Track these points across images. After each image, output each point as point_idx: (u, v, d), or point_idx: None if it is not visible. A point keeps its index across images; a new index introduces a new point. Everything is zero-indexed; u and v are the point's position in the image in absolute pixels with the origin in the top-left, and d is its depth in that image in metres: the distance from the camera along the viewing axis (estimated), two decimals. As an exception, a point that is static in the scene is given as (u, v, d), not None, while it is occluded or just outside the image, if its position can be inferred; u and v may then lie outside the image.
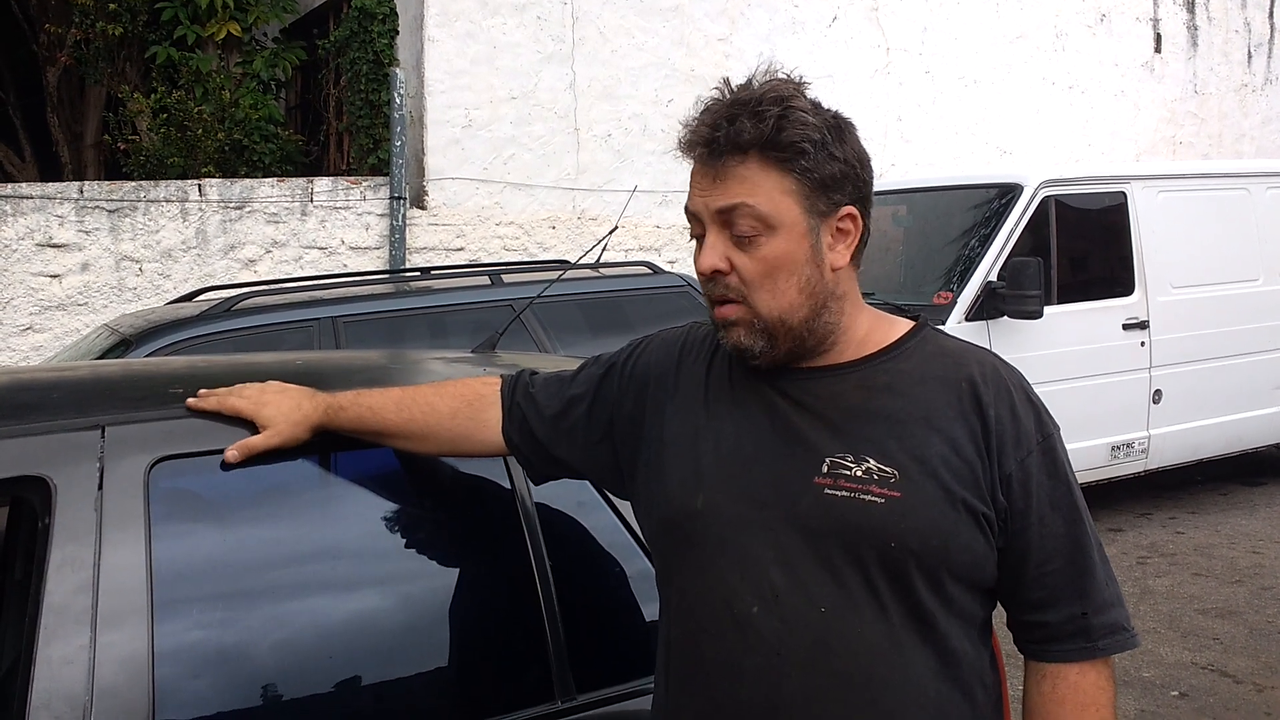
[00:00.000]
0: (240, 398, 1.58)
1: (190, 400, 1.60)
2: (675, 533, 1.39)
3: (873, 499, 1.28)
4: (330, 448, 1.63)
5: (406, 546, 1.72)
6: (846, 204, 1.34)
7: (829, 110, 1.35)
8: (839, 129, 1.33)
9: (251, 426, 1.56)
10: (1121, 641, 1.34)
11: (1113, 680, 1.36)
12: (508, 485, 1.73)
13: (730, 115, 1.29)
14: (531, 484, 1.71)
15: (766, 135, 1.28)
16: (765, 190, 1.29)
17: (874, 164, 1.40)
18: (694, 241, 1.37)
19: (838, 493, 1.29)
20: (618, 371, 1.54)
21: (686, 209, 1.36)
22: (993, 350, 1.45)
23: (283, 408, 1.57)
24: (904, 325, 1.42)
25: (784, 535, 1.31)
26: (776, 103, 1.29)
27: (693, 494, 1.37)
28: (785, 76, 1.34)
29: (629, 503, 1.56)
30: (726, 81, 1.36)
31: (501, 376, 1.63)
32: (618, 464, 1.52)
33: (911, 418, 1.32)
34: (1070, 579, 1.33)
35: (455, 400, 1.60)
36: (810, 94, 1.34)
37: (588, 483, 1.72)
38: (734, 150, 1.29)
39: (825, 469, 1.31)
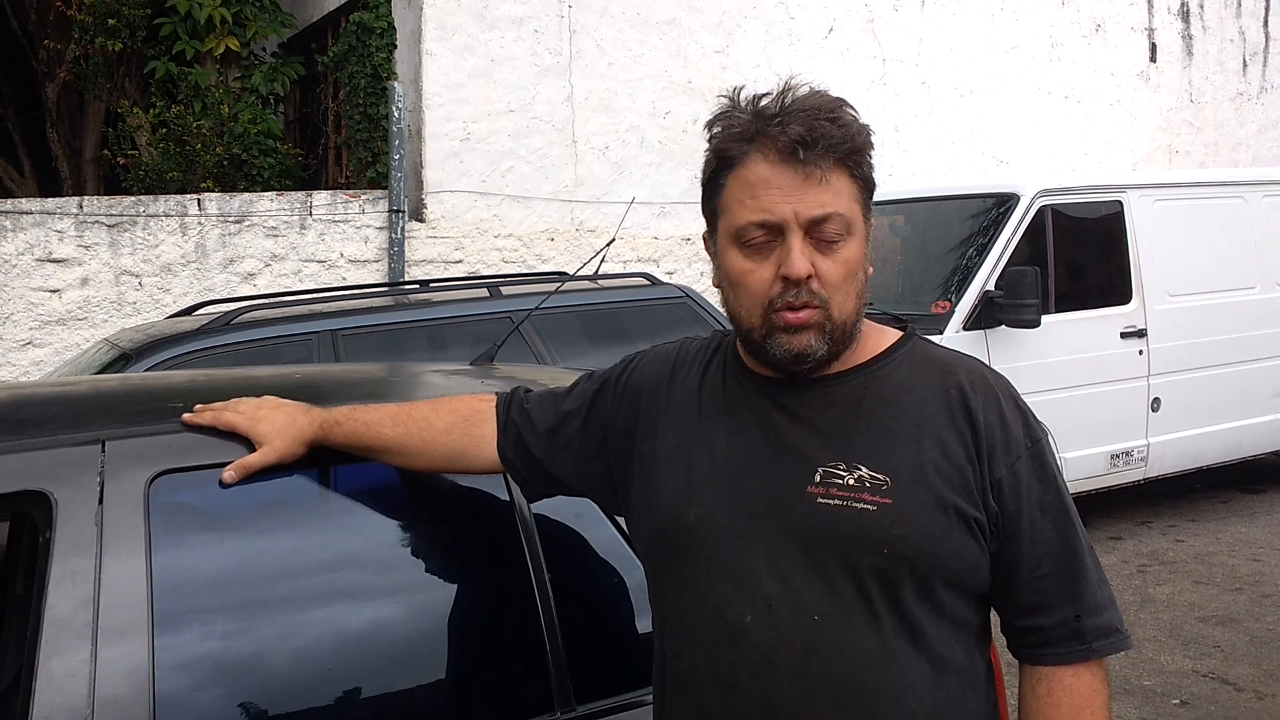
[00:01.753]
0: (235, 413, 1.59)
1: (186, 415, 1.60)
2: (668, 545, 1.40)
3: (864, 506, 1.29)
4: (329, 461, 1.64)
5: (406, 559, 1.72)
6: (872, 214, 1.38)
7: None
8: None
9: (248, 441, 1.57)
10: (1115, 643, 1.35)
11: (1107, 683, 1.37)
12: (506, 497, 1.73)
13: (813, 117, 1.28)
14: (528, 498, 1.71)
15: (852, 141, 1.30)
16: (846, 195, 1.31)
17: (872, 174, 1.41)
18: (746, 248, 1.31)
19: (830, 501, 1.30)
20: (611, 386, 1.55)
21: (758, 220, 1.29)
22: (990, 359, 1.47)
23: (278, 424, 1.57)
24: (893, 335, 1.44)
25: (777, 545, 1.31)
26: (841, 108, 1.31)
27: (685, 506, 1.37)
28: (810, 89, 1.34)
29: (624, 518, 1.56)
30: (737, 91, 1.35)
31: (497, 394, 1.64)
32: (611, 479, 1.53)
33: (902, 425, 1.33)
34: (1062, 582, 1.34)
35: (451, 416, 1.60)
36: None
37: (584, 495, 1.73)
38: (828, 151, 1.28)
39: (818, 478, 1.31)
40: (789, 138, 1.27)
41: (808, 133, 1.27)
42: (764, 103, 1.32)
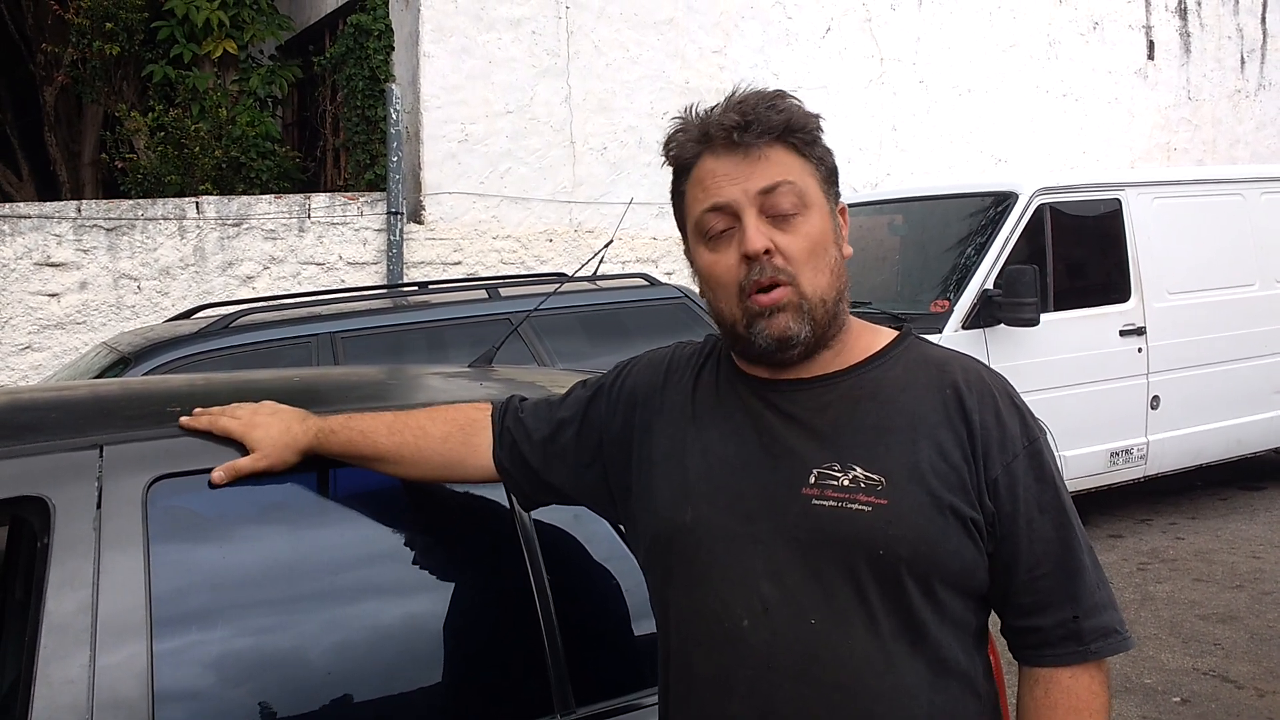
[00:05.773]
0: (232, 418, 1.58)
1: (183, 419, 1.60)
2: (666, 549, 1.39)
3: (860, 507, 1.28)
4: (328, 465, 1.64)
5: (405, 562, 1.72)
6: (840, 199, 1.39)
7: None
8: None
9: (245, 447, 1.57)
10: (1114, 644, 1.34)
11: (1107, 685, 1.36)
12: (505, 500, 1.73)
13: (750, 106, 1.33)
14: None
15: (791, 120, 1.33)
16: (796, 171, 1.34)
17: (869, 173, 1.43)
18: (710, 241, 1.34)
19: (825, 503, 1.29)
20: (605, 393, 1.54)
21: (709, 206, 1.33)
22: (990, 358, 1.46)
23: (272, 431, 1.57)
24: (888, 334, 1.43)
25: (773, 548, 1.31)
26: (781, 97, 1.35)
27: (682, 509, 1.37)
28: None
29: (621, 526, 1.56)
30: (689, 109, 1.39)
31: (492, 402, 1.64)
32: (608, 486, 1.52)
33: (897, 425, 1.32)
34: (1060, 583, 1.33)
35: (447, 424, 1.60)
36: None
37: (583, 496, 1.72)
38: (765, 133, 1.32)
39: (813, 479, 1.31)
40: (725, 126, 1.32)
41: (741, 118, 1.32)
42: (709, 109, 1.37)
